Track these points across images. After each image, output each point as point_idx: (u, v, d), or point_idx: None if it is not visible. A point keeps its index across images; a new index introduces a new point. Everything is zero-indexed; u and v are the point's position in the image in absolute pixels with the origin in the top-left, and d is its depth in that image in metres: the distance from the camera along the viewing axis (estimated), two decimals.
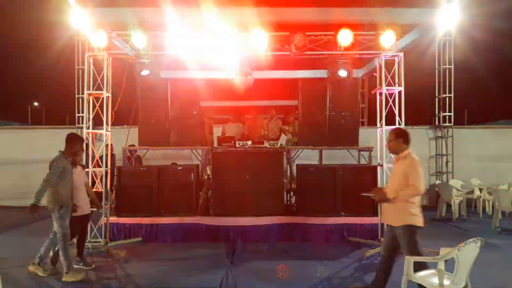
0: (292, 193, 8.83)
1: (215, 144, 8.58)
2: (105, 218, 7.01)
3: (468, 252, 3.78)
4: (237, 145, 7.98)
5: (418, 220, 4.36)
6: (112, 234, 7.36)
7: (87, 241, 6.79)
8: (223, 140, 8.39)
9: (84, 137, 7.24)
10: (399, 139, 4.55)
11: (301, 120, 8.87)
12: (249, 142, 8.03)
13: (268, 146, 8.03)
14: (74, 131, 11.47)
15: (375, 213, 7.17)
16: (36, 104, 25.27)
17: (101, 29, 6.72)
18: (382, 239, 6.88)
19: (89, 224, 6.56)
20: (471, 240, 3.76)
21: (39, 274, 5.57)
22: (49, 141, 9.96)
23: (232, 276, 5.52)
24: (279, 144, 8.37)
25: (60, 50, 12.91)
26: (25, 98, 22.82)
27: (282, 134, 10.38)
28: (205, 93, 9.51)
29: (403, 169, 4.40)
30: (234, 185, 7.65)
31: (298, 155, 9.69)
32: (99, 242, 6.85)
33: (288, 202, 8.76)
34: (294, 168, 8.98)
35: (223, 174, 7.76)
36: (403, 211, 4.37)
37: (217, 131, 10.46)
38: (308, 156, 10.00)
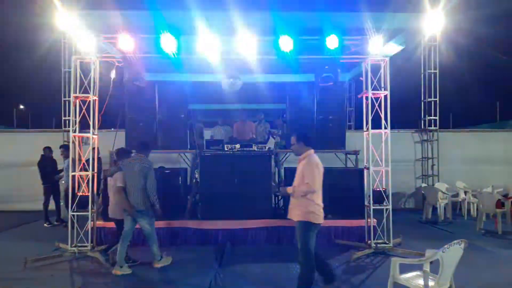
0: (280, 196, 8.86)
1: (204, 148, 8.58)
2: (92, 222, 6.94)
3: (452, 253, 3.85)
4: (226, 149, 7.99)
5: (315, 217, 4.67)
6: (99, 238, 7.29)
7: (73, 245, 6.74)
8: (212, 143, 8.39)
9: (70, 141, 7.19)
10: (300, 142, 4.90)
11: (289, 124, 8.93)
12: (238, 146, 8.05)
13: (256, 149, 8.05)
14: (60, 134, 11.47)
15: (362, 216, 7.23)
16: (21, 107, 24.96)
17: (88, 32, 6.68)
18: (369, 241, 6.97)
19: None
20: (455, 241, 3.83)
21: (168, 263, 6.18)
22: (34, 145, 9.87)
23: (220, 279, 5.52)
24: (267, 147, 8.40)
25: (46, 53, 12.80)
26: (11, 101, 22.52)
27: (270, 137, 10.42)
28: (193, 96, 9.52)
29: (302, 169, 4.78)
30: (223, 189, 7.65)
31: (286, 158, 9.73)
32: (86, 246, 6.78)
33: (276, 205, 8.78)
34: (282, 171, 9.01)
35: (211, 177, 7.75)
36: (302, 208, 4.70)
37: (206, 134, 10.47)
38: (296, 159, 10.01)
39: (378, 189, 7.02)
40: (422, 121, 12.15)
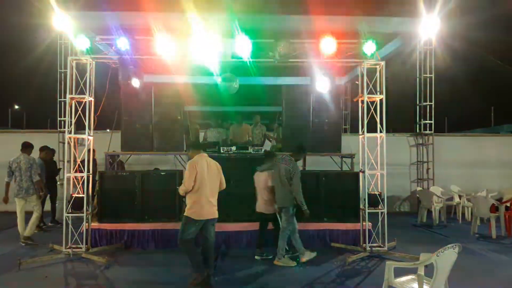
0: None
1: None
2: (87, 224, 6.91)
3: (446, 257, 3.86)
4: (222, 151, 7.98)
5: (195, 214, 5.30)
6: (94, 240, 7.26)
7: (68, 247, 6.69)
8: (207, 145, 8.38)
9: (66, 142, 7.16)
10: (189, 149, 5.74)
11: (285, 127, 8.94)
12: (234, 148, 8.05)
13: (252, 152, 8.06)
14: (55, 135, 11.41)
15: (357, 219, 7.24)
16: (16, 107, 24.84)
17: (84, 33, 6.67)
18: (364, 245, 6.98)
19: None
20: (449, 245, 3.84)
21: (290, 265, 6.30)
22: None
23: (215, 282, 5.50)
24: (263, 150, 8.40)
25: (42, 53, 12.75)
26: (6, 101, 22.41)
27: (266, 140, 10.41)
28: (190, 98, 9.50)
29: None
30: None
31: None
32: (80, 248, 6.75)
33: None
34: None
35: None
36: (188, 205, 5.40)
37: (201, 136, 10.44)
38: None
39: (373, 193, 7.04)
40: (418, 125, 12.19)
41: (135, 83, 7.86)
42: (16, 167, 7.63)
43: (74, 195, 6.83)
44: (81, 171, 6.93)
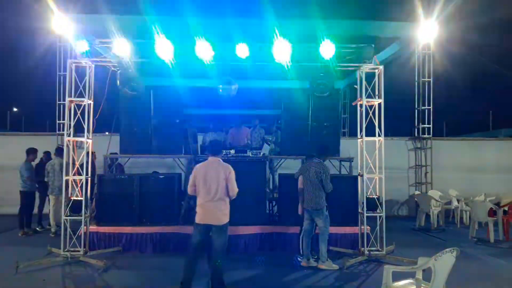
0: (274, 203, 8.86)
1: (198, 153, 8.56)
2: (85, 227, 6.89)
3: (444, 261, 3.87)
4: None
5: (196, 217, 5.28)
6: (92, 243, 7.24)
7: (66, 250, 6.67)
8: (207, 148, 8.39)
9: (65, 145, 7.16)
10: (204, 152, 5.59)
11: (284, 130, 8.95)
12: (233, 151, 8.05)
13: (251, 155, 8.06)
14: (54, 138, 11.42)
15: (355, 223, 7.25)
16: (15, 109, 24.82)
17: (84, 36, 6.68)
18: (362, 249, 6.97)
19: None
20: (447, 249, 3.85)
21: (332, 269, 6.30)
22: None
23: (213, 287, 5.49)
24: (262, 153, 8.40)
25: (41, 56, 12.76)
26: (4, 104, 22.38)
27: (265, 143, 10.41)
28: (189, 101, 9.51)
29: None
30: None
31: (280, 165, 9.74)
32: (78, 251, 6.73)
33: (270, 211, 8.77)
34: (277, 177, 9.01)
35: None
36: None
37: (199, 139, 10.45)
38: (290, 166, 10.05)
39: (371, 196, 7.05)
40: (416, 129, 12.22)
41: (134, 86, 7.86)
42: (51, 169, 8.57)
43: (72, 198, 6.83)
44: (79, 174, 6.93)
